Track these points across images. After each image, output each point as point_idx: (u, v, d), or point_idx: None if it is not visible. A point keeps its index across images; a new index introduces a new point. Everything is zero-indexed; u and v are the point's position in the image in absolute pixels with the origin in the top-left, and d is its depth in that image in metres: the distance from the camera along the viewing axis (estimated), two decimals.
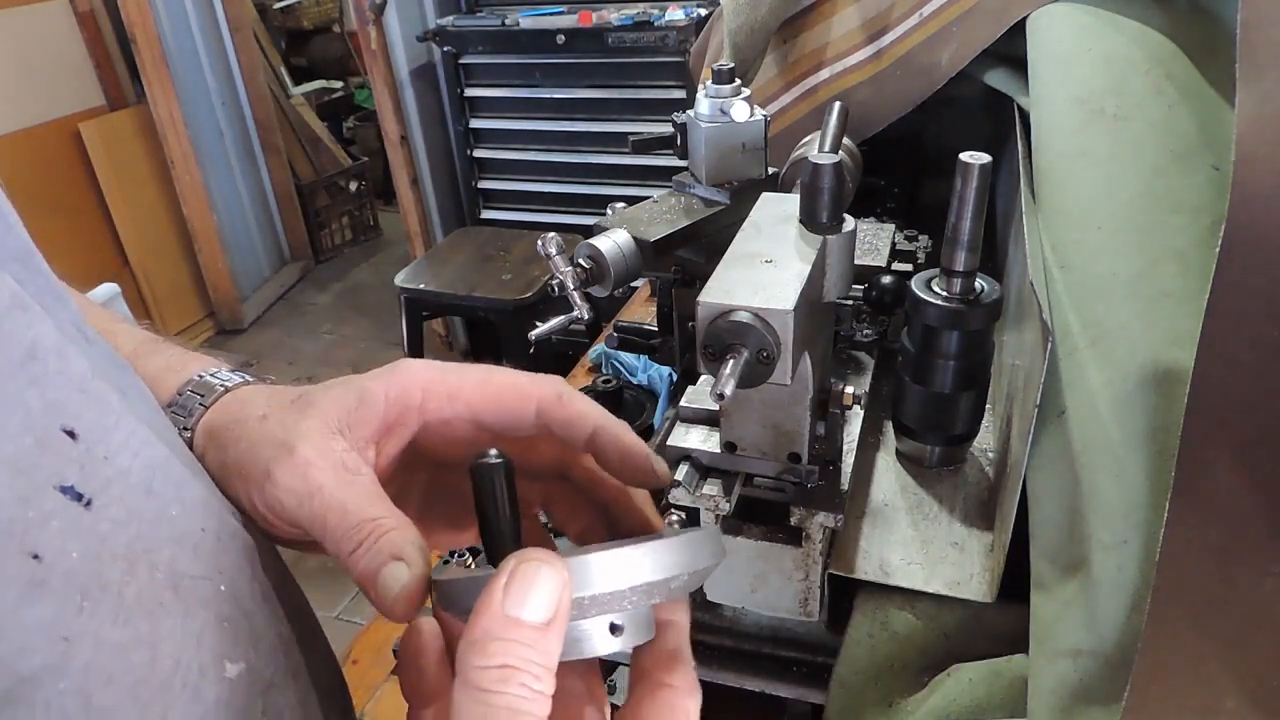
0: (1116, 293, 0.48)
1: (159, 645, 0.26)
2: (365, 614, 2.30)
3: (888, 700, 0.56)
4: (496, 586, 0.27)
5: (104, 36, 3.20)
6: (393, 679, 0.76)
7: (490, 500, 0.32)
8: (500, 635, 0.26)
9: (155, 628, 0.26)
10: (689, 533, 0.32)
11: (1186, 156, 0.49)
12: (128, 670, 0.24)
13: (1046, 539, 0.49)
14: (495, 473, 0.32)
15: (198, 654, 0.27)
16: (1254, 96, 0.36)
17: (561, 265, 0.64)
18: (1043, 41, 0.63)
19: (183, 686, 0.26)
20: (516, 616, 0.26)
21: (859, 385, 0.67)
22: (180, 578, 0.27)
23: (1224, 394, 0.36)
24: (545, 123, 2.61)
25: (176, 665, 0.26)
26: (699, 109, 0.69)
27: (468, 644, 0.26)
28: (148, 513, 0.26)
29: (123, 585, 0.25)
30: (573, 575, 0.28)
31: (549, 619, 0.26)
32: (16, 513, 0.22)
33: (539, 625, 0.26)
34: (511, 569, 0.27)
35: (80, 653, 0.23)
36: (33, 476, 0.23)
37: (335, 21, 4.72)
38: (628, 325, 0.86)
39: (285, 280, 3.85)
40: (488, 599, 0.27)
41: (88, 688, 0.23)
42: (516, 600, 0.26)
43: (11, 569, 0.22)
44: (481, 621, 0.26)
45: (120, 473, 0.26)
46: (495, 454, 0.32)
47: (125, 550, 0.25)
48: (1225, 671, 0.36)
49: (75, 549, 0.23)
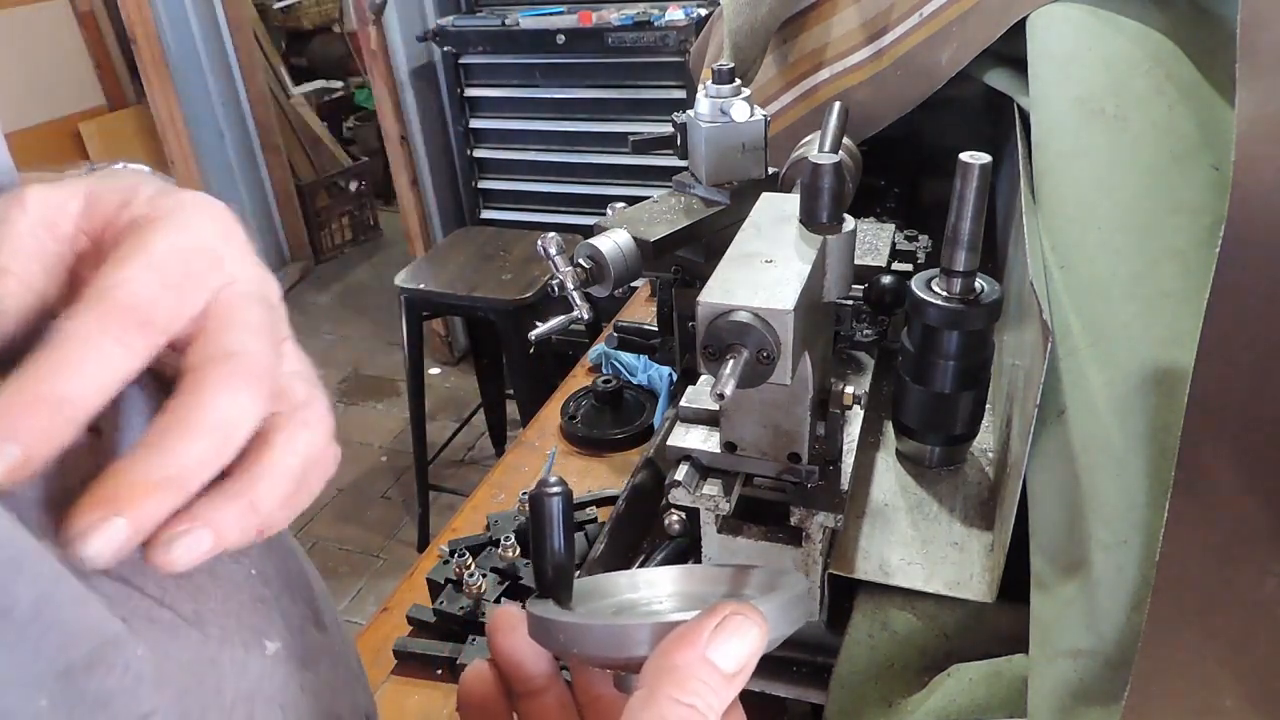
0: (1116, 293, 0.48)
1: (206, 625, 0.26)
2: (364, 614, 2.31)
3: (888, 700, 0.56)
4: (706, 627, 0.28)
5: (104, 36, 3.21)
6: (393, 678, 0.76)
7: (548, 529, 0.33)
8: (697, 675, 0.27)
9: (199, 609, 0.26)
10: (790, 589, 0.33)
11: (1186, 156, 0.49)
12: (182, 647, 0.25)
13: (1046, 539, 0.49)
14: (555, 502, 0.32)
15: (239, 632, 0.28)
16: (1254, 96, 0.36)
17: (561, 265, 0.64)
18: (1043, 41, 0.63)
19: (230, 662, 0.27)
20: (714, 661, 0.28)
21: (859, 385, 0.67)
22: (215, 563, 0.27)
23: (1224, 394, 0.36)
24: (545, 123, 2.61)
25: (222, 643, 0.27)
26: (699, 109, 0.69)
27: (667, 670, 0.27)
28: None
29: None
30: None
31: (738, 672, 0.28)
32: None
33: (729, 675, 0.28)
34: (726, 616, 0.29)
35: (140, 627, 0.24)
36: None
37: (335, 21, 4.72)
38: (628, 325, 0.86)
39: (285, 280, 3.85)
40: (695, 636, 0.28)
41: (154, 659, 0.24)
42: (719, 647, 0.28)
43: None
44: (686, 654, 0.28)
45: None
46: (555, 482, 0.33)
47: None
48: (1225, 671, 0.36)
49: None
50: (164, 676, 0.24)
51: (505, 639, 0.36)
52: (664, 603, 0.38)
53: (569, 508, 0.33)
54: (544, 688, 0.37)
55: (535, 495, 0.32)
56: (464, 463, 2.81)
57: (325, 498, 2.62)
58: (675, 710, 0.26)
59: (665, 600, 0.38)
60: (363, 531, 2.57)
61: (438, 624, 0.79)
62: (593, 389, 1.09)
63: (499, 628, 0.37)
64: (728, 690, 0.28)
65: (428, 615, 0.79)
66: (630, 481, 0.72)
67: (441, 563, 0.83)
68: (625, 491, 0.72)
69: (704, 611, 0.29)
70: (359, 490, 2.72)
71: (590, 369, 1.19)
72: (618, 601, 0.38)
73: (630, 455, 1.02)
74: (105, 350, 0.23)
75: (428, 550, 0.88)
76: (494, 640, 0.37)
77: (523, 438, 1.08)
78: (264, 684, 0.28)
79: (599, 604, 0.37)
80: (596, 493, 0.92)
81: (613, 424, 1.06)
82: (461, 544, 0.85)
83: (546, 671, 0.37)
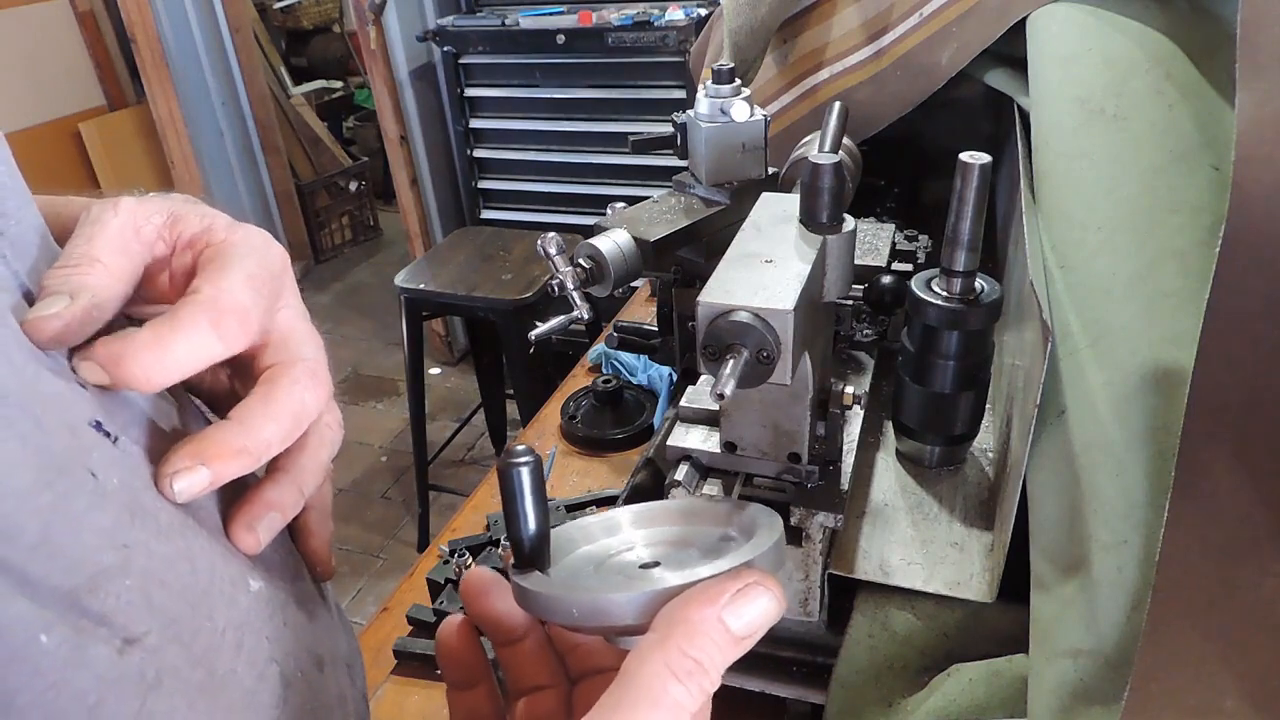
0: (1116, 293, 0.47)
1: (195, 559, 0.29)
2: (364, 614, 2.31)
3: (888, 700, 0.56)
4: (728, 589, 0.29)
5: (104, 36, 3.21)
6: (393, 678, 0.76)
7: (520, 500, 0.32)
8: (708, 633, 0.28)
9: (189, 545, 0.29)
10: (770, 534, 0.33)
11: (1186, 156, 0.49)
12: (175, 577, 0.28)
13: (1046, 539, 0.49)
14: (524, 472, 0.32)
15: (226, 569, 0.30)
16: (1254, 96, 0.36)
17: (561, 265, 0.64)
18: (1043, 41, 0.63)
19: (220, 594, 0.29)
20: (727, 623, 0.28)
21: (859, 385, 0.67)
22: (197, 509, 0.30)
23: (1224, 394, 0.36)
24: (545, 123, 2.61)
25: (212, 577, 0.29)
26: (699, 109, 0.69)
27: (680, 622, 0.28)
28: (156, 455, 0.29)
29: (156, 510, 0.28)
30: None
31: (746, 637, 0.29)
32: (70, 439, 0.26)
33: (738, 639, 0.29)
34: (747, 585, 0.29)
35: (137, 558, 0.26)
36: (72, 412, 0.26)
37: (335, 21, 4.72)
38: (628, 325, 0.86)
39: None
40: (715, 594, 0.29)
41: (147, 586, 0.26)
42: (735, 610, 0.29)
43: (77, 480, 0.25)
44: (702, 611, 0.28)
45: (127, 422, 0.29)
46: (523, 449, 0.32)
47: (149, 482, 0.28)
48: (1225, 671, 0.36)
49: (115, 476, 0.27)
50: (157, 603, 0.27)
51: (481, 602, 0.38)
52: (641, 550, 0.38)
53: (539, 475, 0.32)
54: (523, 636, 0.38)
55: (503, 468, 0.32)
56: (464, 463, 2.81)
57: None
58: (682, 662, 0.27)
59: (643, 548, 0.38)
60: (363, 531, 2.57)
61: (438, 624, 0.79)
62: (593, 389, 1.09)
63: (474, 592, 0.38)
64: (733, 652, 0.29)
65: (428, 615, 0.79)
66: (630, 481, 0.72)
67: (441, 563, 0.83)
68: (625, 491, 0.72)
69: (728, 573, 0.29)
70: (359, 490, 2.72)
71: (590, 369, 1.19)
72: (593, 552, 0.38)
73: (630, 455, 1.02)
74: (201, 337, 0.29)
75: (428, 550, 0.89)
76: (470, 605, 0.38)
77: (523, 438, 1.08)
78: (251, 615, 0.31)
79: (576, 557, 0.37)
80: (596, 493, 0.92)
81: (613, 424, 1.06)
82: (461, 544, 0.85)
83: (524, 622, 0.38)
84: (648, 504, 0.40)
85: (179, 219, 0.33)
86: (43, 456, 0.24)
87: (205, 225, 0.33)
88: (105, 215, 0.31)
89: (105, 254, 0.29)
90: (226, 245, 0.32)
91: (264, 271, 0.32)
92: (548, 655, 0.38)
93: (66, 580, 0.24)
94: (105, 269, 0.29)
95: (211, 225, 0.33)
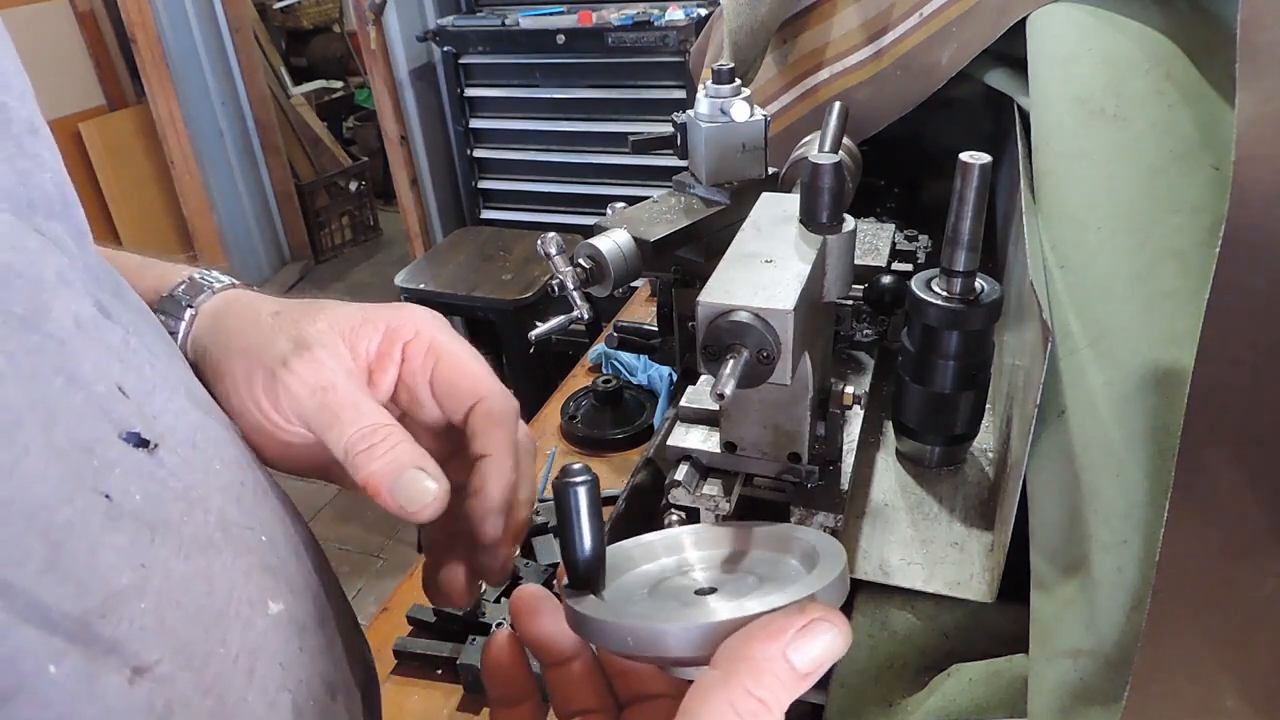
0: (1116, 293, 0.47)
1: (214, 579, 0.28)
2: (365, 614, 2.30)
3: (888, 700, 0.56)
4: (793, 625, 0.28)
5: (104, 36, 3.20)
6: (393, 679, 0.76)
7: (576, 520, 0.31)
8: (774, 670, 0.27)
9: (210, 564, 0.28)
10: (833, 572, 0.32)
11: (1186, 156, 0.49)
12: (192, 598, 0.27)
13: (1046, 539, 0.49)
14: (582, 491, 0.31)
15: (246, 590, 0.30)
16: (1254, 96, 0.36)
17: (561, 265, 0.64)
18: (1043, 41, 0.63)
19: (235, 616, 0.29)
20: (792, 660, 0.28)
21: (859, 385, 0.67)
22: (228, 524, 0.30)
23: (1224, 394, 0.35)
24: (545, 123, 2.61)
25: (229, 598, 0.29)
26: (699, 109, 0.69)
27: (745, 659, 0.27)
28: (196, 463, 0.29)
29: (181, 524, 0.28)
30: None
31: (810, 674, 0.28)
32: (83, 461, 0.25)
33: (803, 675, 0.28)
34: (812, 620, 0.28)
35: (154, 578, 0.26)
36: (91, 426, 0.26)
37: (335, 21, 4.72)
38: (628, 325, 0.86)
39: (285, 280, 3.85)
40: (779, 630, 0.28)
41: (162, 609, 0.26)
42: (800, 647, 0.28)
43: (90, 503, 0.25)
44: (767, 648, 0.27)
45: (168, 429, 0.29)
46: (580, 468, 0.31)
47: (182, 493, 0.28)
48: (1225, 671, 0.36)
49: (138, 491, 0.26)
50: (169, 627, 0.26)
51: (530, 621, 0.36)
52: (698, 574, 0.36)
53: (595, 495, 0.31)
54: (572, 657, 0.37)
55: (559, 487, 0.31)
56: None
57: (325, 498, 2.62)
58: (747, 702, 0.27)
59: (699, 572, 0.37)
60: (363, 531, 2.57)
61: (438, 624, 0.79)
62: (593, 389, 1.09)
63: (523, 611, 0.36)
64: (798, 689, 0.28)
65: (428, 615, 0.79)
66: (630, 481, 0.72)
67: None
68: (625, 491, 0.72)
69: (793, 607, 0.28)
70: None
71: (590, 369, 1.19)
72: (650, 572, 0.36)
73: (630, 455, 1.02)
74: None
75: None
76: (519, 624, 0.37)
77: None
78: (267, 639, 0.30)
79: (631, 577, 0.36)
80: None
81: (613, 424, 1.06)
82: None
83: (573, 644, 0.36)
84: (710, 525, 0.39)
85: (392, 333, 0.40)
86: (53, 475, 0.24)
87: (414, 330, 0.40)
88: (342, 362, 0.37)
89: (382, 415, 0.36)
90: (445, 353, 0.42)
91: (479, 367, 0.43)
92: (596, 678, 0.37)
93: (78, 605, 0.23)
94: (400, 428, 0.36)
95: (419, 330, 0.41)
